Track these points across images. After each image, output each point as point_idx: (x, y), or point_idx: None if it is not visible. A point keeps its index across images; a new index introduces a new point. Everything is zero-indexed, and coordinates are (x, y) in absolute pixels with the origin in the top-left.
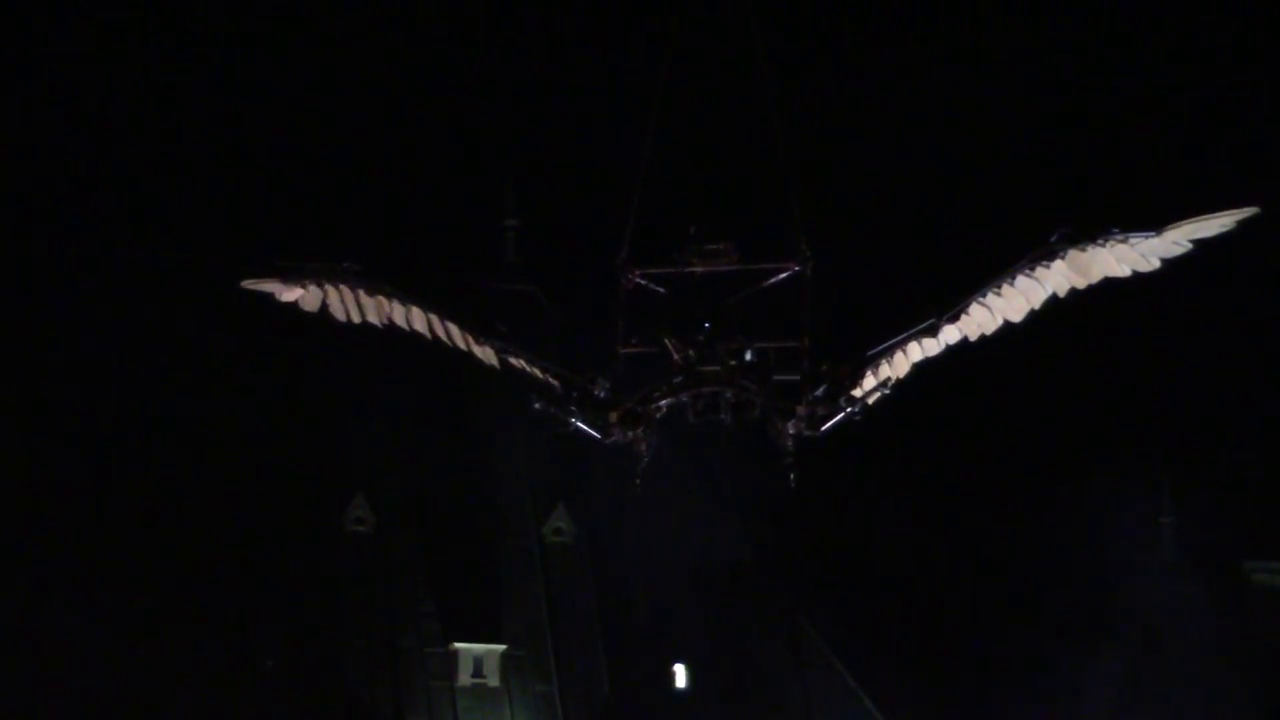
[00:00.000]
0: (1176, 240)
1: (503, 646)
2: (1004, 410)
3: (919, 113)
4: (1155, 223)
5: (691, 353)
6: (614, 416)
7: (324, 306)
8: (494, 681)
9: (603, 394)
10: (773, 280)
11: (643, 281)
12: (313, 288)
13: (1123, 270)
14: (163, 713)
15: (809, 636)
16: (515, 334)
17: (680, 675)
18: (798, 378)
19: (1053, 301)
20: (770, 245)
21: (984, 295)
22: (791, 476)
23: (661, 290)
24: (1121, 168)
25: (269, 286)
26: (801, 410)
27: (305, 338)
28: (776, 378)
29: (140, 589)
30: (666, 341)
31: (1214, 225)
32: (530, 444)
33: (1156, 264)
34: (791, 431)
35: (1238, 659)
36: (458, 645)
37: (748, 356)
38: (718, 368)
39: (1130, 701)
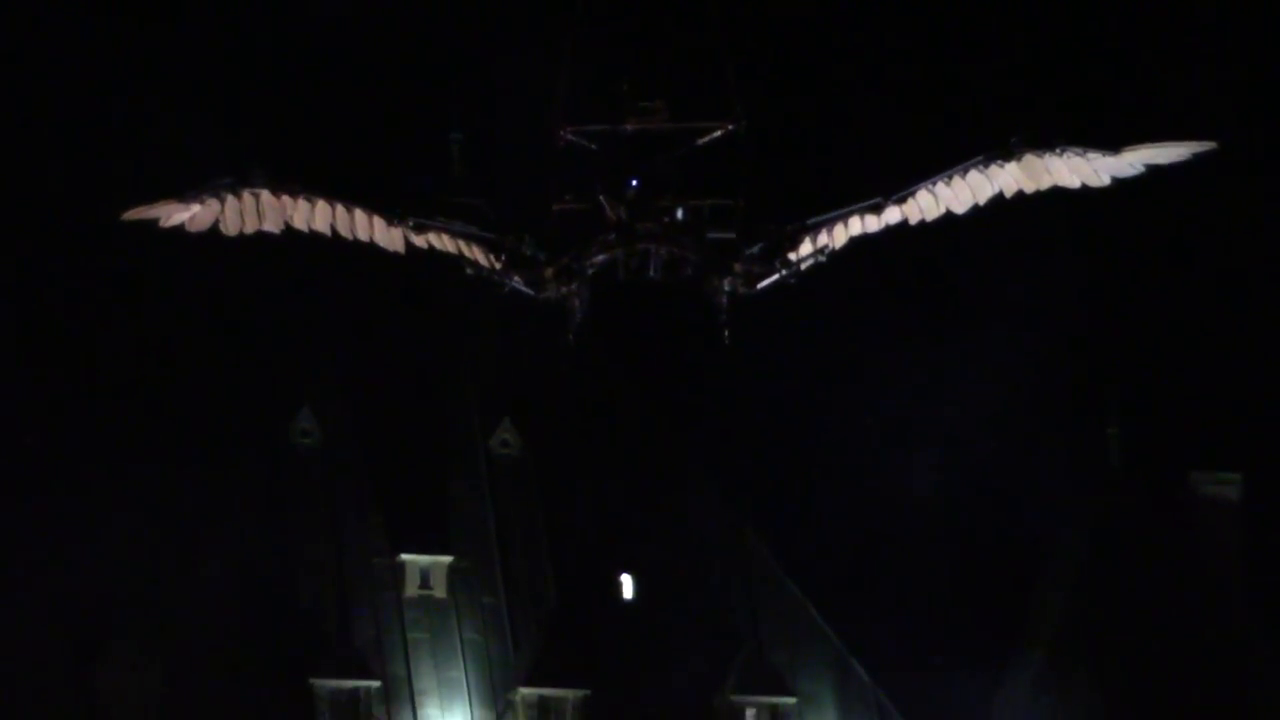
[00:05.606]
0: (1131, 162)
1: (449, 558)
2: (944, 319)
3: None
4: (1113, 141)
5: (624, 210)
6: (549, 273)
7: (215, 224)
8: (441, 593)
9: (530, 252)
10: (706, 139)
11: (574, 138)
12: (211, 202)
13: (1073, 182)
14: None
15: (755, 548)
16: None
17: (627, 586)
18: (733, 236)
19: (997, 200)
20: (705, 104)
21: (934, 183)
22: (725, 334)
23: (594, 147)
24: (1083, 76)
25: (155, 212)
26: (738, 268)
27: (247, 253)
28: (711, 236)
29: (87, 505)
30: (601, 198)
31: (1170, 154)
32: (476, 357)
33: (1107, 181)
34: (726, 289)
35: (1184, 571)
36: (404, 557)
37: (679, 215)
38: (651, 225)
39: (1076, 619)
